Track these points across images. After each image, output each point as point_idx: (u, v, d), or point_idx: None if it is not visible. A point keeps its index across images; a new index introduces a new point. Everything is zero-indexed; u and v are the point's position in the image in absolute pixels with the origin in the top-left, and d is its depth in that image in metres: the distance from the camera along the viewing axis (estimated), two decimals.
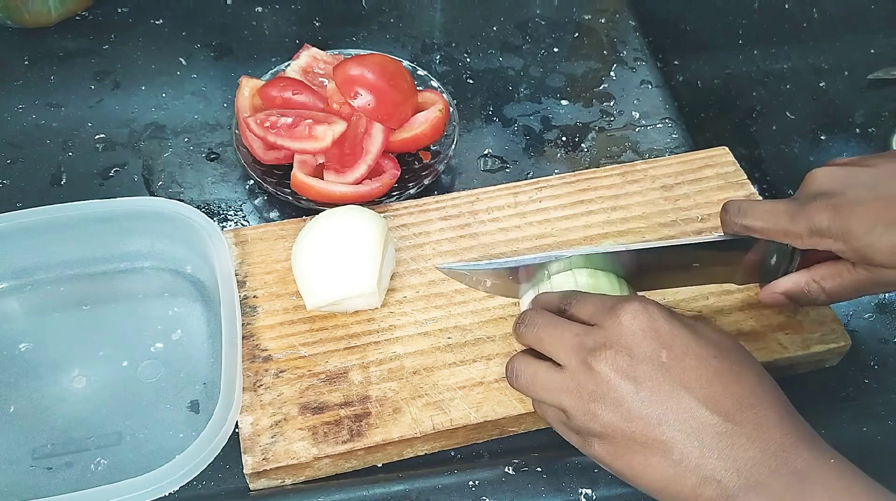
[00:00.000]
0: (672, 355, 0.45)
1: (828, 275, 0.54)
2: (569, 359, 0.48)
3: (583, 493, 0.55)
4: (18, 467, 0.56)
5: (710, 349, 0.46)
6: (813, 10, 0.93)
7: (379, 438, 0.56)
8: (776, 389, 0.47)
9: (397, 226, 0.67)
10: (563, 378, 0.48)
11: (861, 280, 0.52)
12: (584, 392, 0.47)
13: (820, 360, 0.62)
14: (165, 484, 0.52)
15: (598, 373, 0.46)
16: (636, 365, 0.45)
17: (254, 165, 0.72)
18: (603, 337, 0.47)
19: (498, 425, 0.58)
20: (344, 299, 0.60)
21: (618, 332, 0.47)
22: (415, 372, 0.59)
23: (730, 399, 0.44)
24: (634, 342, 0.46)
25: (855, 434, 0.59)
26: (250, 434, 0.56)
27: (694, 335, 0.47)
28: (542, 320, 0.51)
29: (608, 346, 0.46)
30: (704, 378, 0.45)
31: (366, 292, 0.59)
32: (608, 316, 0.48)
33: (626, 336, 0.46)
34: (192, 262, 0.66)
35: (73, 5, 0.85)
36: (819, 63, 0.95)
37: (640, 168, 0.72)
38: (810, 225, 0.51)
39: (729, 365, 0.46)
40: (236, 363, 0.57)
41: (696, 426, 0.44)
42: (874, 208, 0.49)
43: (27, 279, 0.65)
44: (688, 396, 0.44)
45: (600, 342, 0.47)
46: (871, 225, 0.49)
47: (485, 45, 0.88)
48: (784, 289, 0.56)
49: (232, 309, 0.59)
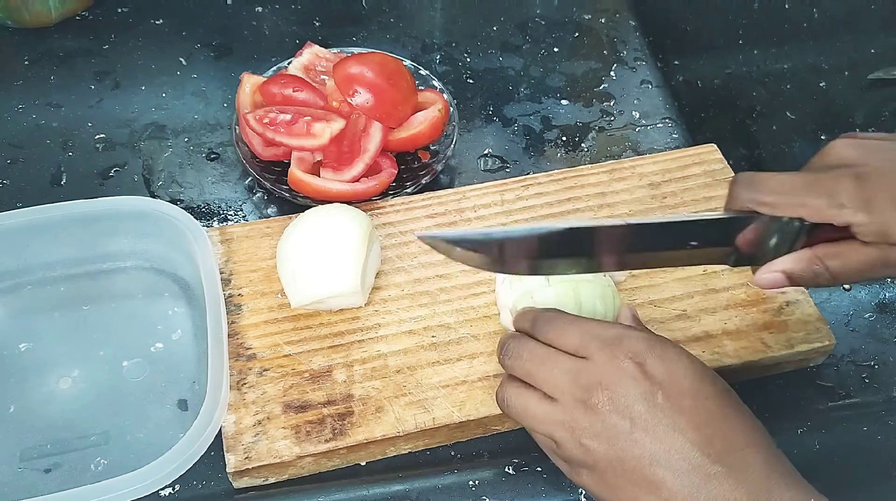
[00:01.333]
0: (667, 396, 0.45)
1: (834, 254, 0.50)
2: (562, 395, 0.47)
3: (583, 493, 0.55)
4: (6, 468, 0.56)
5: (704, 390, 0.46)
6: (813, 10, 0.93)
7: (361, 437, 0.56)
8: (763, 431, 0.47)
9: (383, 224, 0.67)
10: (555, 411, 0.47)
11: (869, 261, 0.49)
12: (577, 427, 0.46)
13: (804, 359, 0.62)
14: (153, 482, 0.52)
15: (592, 411, 0.46)
16: (631, 405, 0.45)
17: (253, 161, 0.72)
18: (597, 375, 0.46)
19: (481, 423, 0.58)
20: (328, 297, 0.60)
21: (612, 371, 0.46)
22: (398, 371, 0.59)
23: (720, 442, 0.44)
24: (630, 381, 0.46)
25: (855, 434, 0.59)
26: (233, 433, 0.56)
27: (688, 375, 0.46)
28: (529, 353, 0.49)
29: (603, 386, 0.46)
30: (697, 420, 0.45)
31: (349, 291, 0.60)
32: (601, 352, 0.47)
33: (621, 376, 0.46)
34: (176, 261, 0.66)
35: (73, 5, 0.85)
36: (819, 63, 0.95)
37: (628, 166, 0.72)
38: (831, 195, 0.48)
39: (721, 408, 0.46)
40: (223, 361, 0.57)
41: (686, 467, 0.44)
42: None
43: (10, 282, 0.65)
44: (681, 437, 0.44)
45: (595, 381, 0.46)
46: (893, 195, 0.47)
47: (485, 45, 0.88)
48: (784, 267, 0.52)
49: (217, 307, 0.59)
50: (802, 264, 0.51)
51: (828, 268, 0.50)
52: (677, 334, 0.61)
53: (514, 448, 0.58)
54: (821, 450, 0.58)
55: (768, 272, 0.52)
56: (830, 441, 0.58)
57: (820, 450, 0.58)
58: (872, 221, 0.47)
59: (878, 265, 0.49)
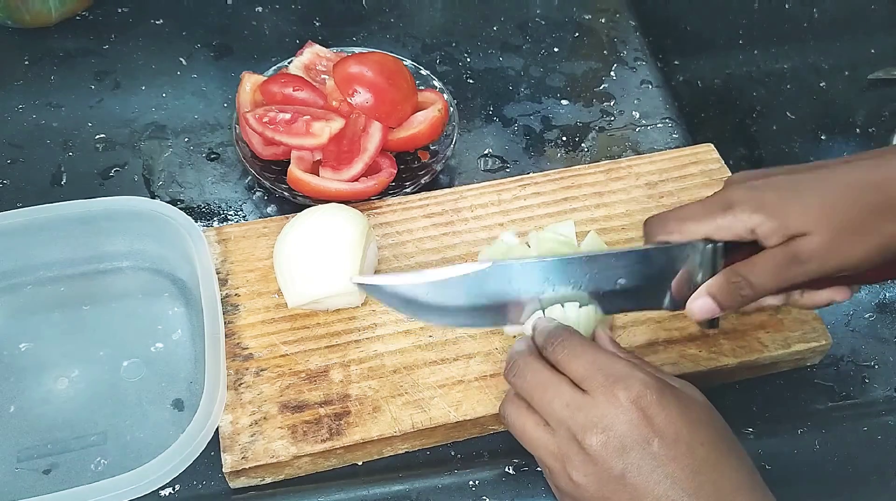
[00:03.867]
0: (663, 444, 0.45)
1: (747, 263, 0.51)
2: (558, 426, 0.47)
3: None
4: (5, 468, 0.56)
5: (700, 436, 0.46)
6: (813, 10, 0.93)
7: (358, 437, 0.56)
8: (754, 474, 0.47)
9: (380, 224, 0.67)
10: (551, 441, 0.48)
11: (781, 261, 0.50)
12: (569, 462, 0.47)
13: (801, 358, 0.62)
14: (151, 481, 0.52)
15: (586, 449, 0.46)
16: (626, 452, 0.45)
17: (252, 160, 0.72)
18: (595, 416, 0.46)
19: (478, 423, 0.58)
20: (325, 297, 0.60)
21: (612, 413, 0.46)
22: (395, 371, 0.59)
23: (711, 487, 0.45)
24: (628, 427, 0.46)
25: (855, 434, 0.59)
26: (230, 433, 0.56)
27: (686, 419, 0.46)
28: (532, 375, 0.49)
29: (600, 428, 0.46)
30: (690, 468, 0.45)
31: (346, 290, 0.60)
32: (603, 390, 0.47)
33: (619, 420, 0.46)
34: (175, 261, 0.66)
35: (73, 5, 0.85)
36: (819, 63, 0.95)
37: (625, 165, 0.72)
38: (727, 207, 0.51)
39: (716, 454, 0.46)
40: (220, 360, 0.57)
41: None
42: (787, 182, 0.50)
43: (9, 282, 0.65)
44: (673, 487, 0.45)
45: (592, 421, 0.46)
46: (784, 193, 0.50)
47: (485, 45, 0.88)
48: (708, 289, 0.53)
49: (214, 306, 0.59)
50: (721, 280, 0.52)
51: (745, 278, 0.51)
52: (674, 333, 0.61)
53: (514, 448, 0.58)
54: (821, 450, 0.58)
55: (696, 299, 0.53)
56: (830, 440, 0.58)
57: (820, 450, 0.58)
58: (768, 218, 0.49)
59: (790, 263, 0.50)
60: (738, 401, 0.61)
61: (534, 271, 0.53)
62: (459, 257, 0.65)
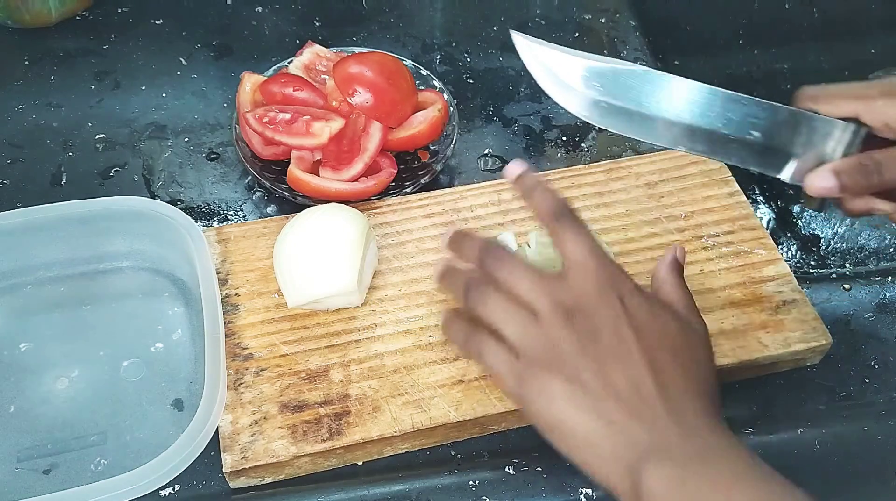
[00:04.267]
0: (639, 335, 0.47)
1: (887, 153, 0.51)
2: (542, 308, 0.48)
3: (583, 493, 0.55)
4: (5, 468, 0.56)
5: (671, 327, 0.48)
6: (813, 10, 0.94)
7: (358, 436, 0.56)
8: (713, 384, 0.48)
9: (380, 224, 0.67)
10: (534, 324, 0.48)
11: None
12: (554, 334, 0.47)
13: (801, 358, 0.62)
14: (151, 481, 0.52)
15: (570, 322, 0.47)
16: (600, 327, 0.47)
17: (252, 160, 0.72)
18: (574, 291, 0.48)
19: (478, 423, 0.58)
20: (325, 297, 0.60)
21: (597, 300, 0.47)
22: (395, 371, 0.59)
23: (682, 388, 0.46)
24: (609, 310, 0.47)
25: (855, 434, 0.59)
26: (230, 433, 0.56)
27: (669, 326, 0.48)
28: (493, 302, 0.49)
29: (575, 299, 0.47)
30: (668, 359, 0.47)
31: (346, 290, 0.60)
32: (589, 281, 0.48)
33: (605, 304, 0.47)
34: (174, 261, 0.66)
35: (73, 5, 0.85)
36: (819, 63, 0.95)
37: (625, 165, 0.72)
38: (885, 87, 0.50)
39: (692, 351, 0.48)
40: (220, 360, 0.57)
41: (639, 393, 0.45)
42: None
43: (9, 282, 0.65)
44: (648, 371, 0.46)
45: (570, 295, 0.47)
46: None
47: (485, 45, 0.88)
48: (834, 166, 0.52)
49: (214, 306, 0.59)
50: (852, 161, 0.51)
51: (877, 164, 0.51)
52: None
53: (514, 448, 0.58)
54: (821, 450, 0.58)
55: (819, 172, 0.52)
56: (830, 440, 0.58)
57: (820, 450, 0.58)
58: None
59: None
60: (738, 401, 0.61)
61: (680, 90, 0.53)
62: None
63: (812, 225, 0.87)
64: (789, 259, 0.84)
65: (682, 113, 0.53)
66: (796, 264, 0.84)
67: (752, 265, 0.65)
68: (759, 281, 0.64)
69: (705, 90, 0.53)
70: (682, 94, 0.53)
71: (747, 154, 0.54)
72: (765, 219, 0.88)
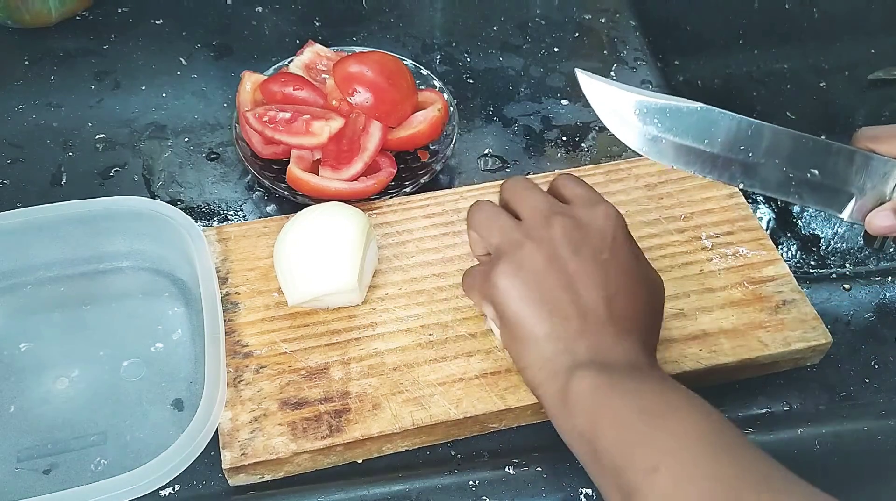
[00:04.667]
0: (613, 255, 0.52)
1: None
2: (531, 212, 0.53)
3: (583, 493, 0.55)
4: (5, 468, 0.56)
5: (640, 271, 0.53)
6: (813, 10, 0.94)
7: (358, 434, 0.56)
8: (656, 337, 0.54)
9: (381, 223, 0.67)
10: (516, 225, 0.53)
11: None
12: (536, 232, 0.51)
13: (801, 358, 0.62)
14: (151, 481, 0.51)
15: (553, 230, 0.52)
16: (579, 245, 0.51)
17: (252, 159, 0.72)
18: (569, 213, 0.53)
19: (478, 421, 0.58)
20: (325, 295, 0.60)
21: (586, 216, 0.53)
22: (395, 368, 0.59)
23: (630, 319, 0.51)
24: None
25: (855, 434, 0.59)
26: (230, 430, 0.56)
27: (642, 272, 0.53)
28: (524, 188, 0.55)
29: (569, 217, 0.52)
30: (625, 291, 0.51)
31: (346, 289, 0.60)
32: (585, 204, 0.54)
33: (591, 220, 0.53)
34: (173, 261, 0.66)
35: (73, 5, 0.85)
36: (819, 63, 0.95)
37: (625, 167, 0.72)
38: None
39: (647, 295, 0.52)
40: (220, 360, 0.57)
41: (594, 313, 0.49)
42: None
43: (9, 282, 0.65)
44: (605, 298, 0.50)
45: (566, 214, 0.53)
46: None
47: (485, 45, 0.88)
48: (894, 205, 0.54)
49: (214, 306, 0.59)
50: None
51: None
52: (674, 332, 0.61)
53: (514, 448, 0.58)
54: (821, 450, 0.58)
55: (880, 211, 0.54)
56: (830, 440, 0.58)
57: (820, 450, 0.58)
58: None
59: None
60: (738, 401, 0.61)
61: (741, 128, 0.54)
62: (460, 257, 0.65)
63: (812, 225, 0.87)
64: (789, 259, 0.84)
65: (742, 151, 0.55)
66: (796, 264, 0.84)
67: (752, 266, 0.65)
68: (758, 281, 0.64)
69: (766, 129, 0.54)
70: (743, 131, 0.54)
71: (807, 193, 0.55)
72: (765, 219, 0.88)
